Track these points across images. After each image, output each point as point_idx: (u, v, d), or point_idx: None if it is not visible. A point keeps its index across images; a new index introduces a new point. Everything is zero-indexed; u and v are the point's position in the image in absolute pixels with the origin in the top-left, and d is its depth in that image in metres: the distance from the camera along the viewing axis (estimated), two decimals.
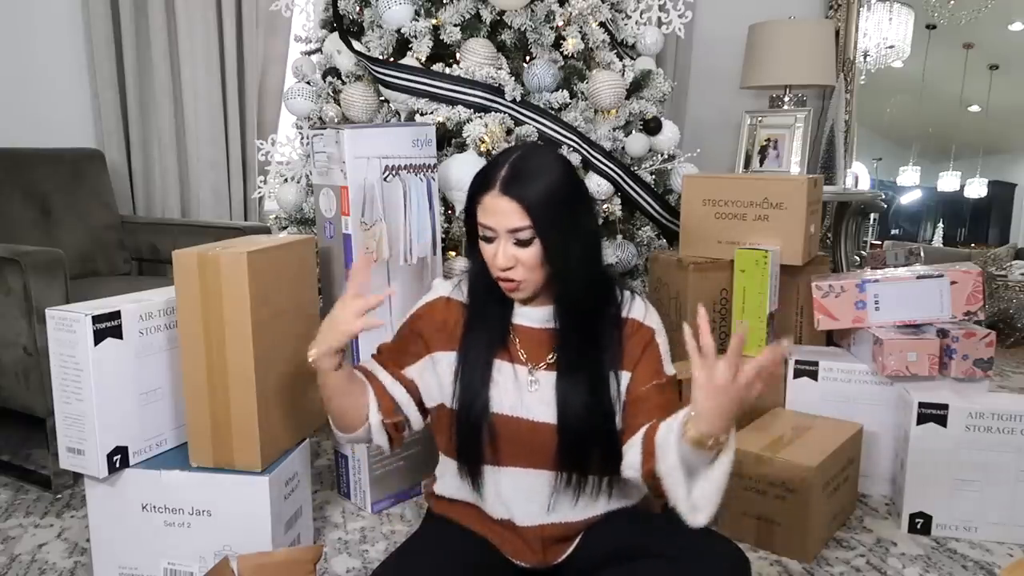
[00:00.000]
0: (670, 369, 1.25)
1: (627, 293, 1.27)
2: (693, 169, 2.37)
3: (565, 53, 2.18)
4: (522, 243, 1.16)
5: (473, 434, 1.22)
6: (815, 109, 3.40)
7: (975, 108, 3.54)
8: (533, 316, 1.25)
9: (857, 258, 3.43)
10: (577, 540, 1.25)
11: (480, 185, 1.19)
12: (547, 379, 1.22)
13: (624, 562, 1.18)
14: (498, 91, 2.06)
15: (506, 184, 1.15)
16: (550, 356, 1.23)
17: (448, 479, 1.31)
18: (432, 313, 1.30)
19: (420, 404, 1.31)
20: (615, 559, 1.20)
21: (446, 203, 2.03)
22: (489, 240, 1.18)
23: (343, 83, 2.20)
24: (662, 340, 1.25)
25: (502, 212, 1.15)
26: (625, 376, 1.22)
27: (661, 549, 1.14)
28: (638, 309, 1.25)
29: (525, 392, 1.22)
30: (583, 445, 1.19)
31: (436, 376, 1.28)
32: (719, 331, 2.00)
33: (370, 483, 1.79)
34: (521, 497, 1.23)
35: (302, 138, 2.37)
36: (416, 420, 1.32)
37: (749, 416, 1.83)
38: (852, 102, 3.58)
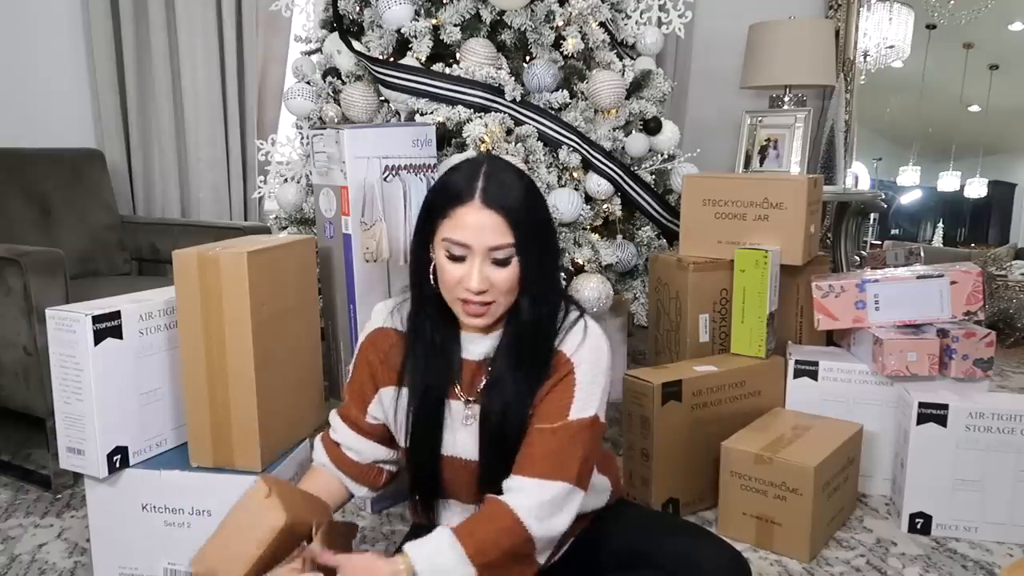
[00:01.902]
0: (584, 411, 1.10)
1: (571, 317, 1.15)
2: (693, 169, 2.37)
3: (565, 53, 2.17)
4: (500, 263, 1.06)
5: (428, 477, 1.20)
6: (815, 109, 3.39)
7: (975, 108, 3.53)
8: (475, 350, 1.17)
9: (857, 258, 3.43)
10: (567, 544, 1.25)
11: (452, 197, 1.07)
12: (478, 414, 1.16)
13: (622, 569, 1.17)
14: (498, 91, 2.06)
15: (487, 195, 1.05)
16: (479, 388, 1.16)
17: None
18: (372, 347, 1.24)
19: (393, 438, 1.27)
20: (614, 563, 1.19)
21: None
22: (459, 259, 1.07)
23: (343, 83, 2.20)
24: (584, 377, 1.11)
25: (483, 227, 1.04)
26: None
27: (660, 558, 1.14)
28: (572, 340, 1.13)
29: (460, 428, 1.17)
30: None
31: (383, 411, 1.24)
32: (719, 331, 2.00)
33: None
34: None
35: (302, 138, 2.37)
36: (396, 462, 1.30)
37: (749, 416, 1.84)
38: (852, 102, 3.57)
